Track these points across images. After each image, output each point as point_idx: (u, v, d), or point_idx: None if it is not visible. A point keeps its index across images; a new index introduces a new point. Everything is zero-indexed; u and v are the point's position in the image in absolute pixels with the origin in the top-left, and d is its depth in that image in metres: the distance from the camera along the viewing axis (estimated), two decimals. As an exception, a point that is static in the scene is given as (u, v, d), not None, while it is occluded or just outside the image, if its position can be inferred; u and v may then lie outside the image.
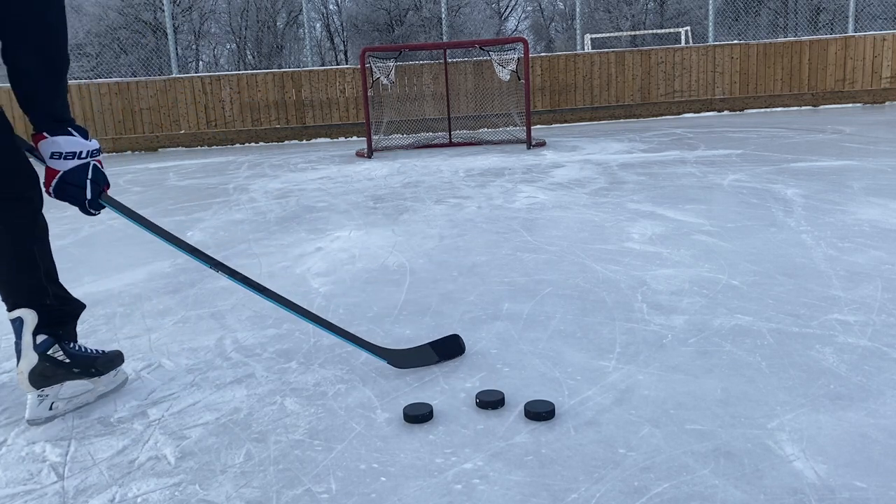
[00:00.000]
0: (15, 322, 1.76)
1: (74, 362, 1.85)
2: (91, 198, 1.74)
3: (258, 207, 4.78)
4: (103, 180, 1.77)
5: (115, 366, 1.95)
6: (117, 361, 1.95)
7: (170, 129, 9.88)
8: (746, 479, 1.37)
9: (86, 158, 1.71)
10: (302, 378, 1.96)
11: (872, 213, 3.51)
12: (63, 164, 1.70)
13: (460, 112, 9.70)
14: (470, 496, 1.37)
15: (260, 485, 1.45)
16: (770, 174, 4.86)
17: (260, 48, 25.52)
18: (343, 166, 6.88)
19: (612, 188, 4.70)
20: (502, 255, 3.15)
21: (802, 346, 1.99)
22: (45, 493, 1.47)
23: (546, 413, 1.63)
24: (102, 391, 1.92)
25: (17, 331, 1.76)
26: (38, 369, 1.77)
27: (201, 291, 2.85)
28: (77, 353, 1.87)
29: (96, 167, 1.74)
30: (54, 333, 1.83)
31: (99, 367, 1.89)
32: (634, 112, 10.45)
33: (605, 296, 2.50)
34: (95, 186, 1.74)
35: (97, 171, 1.74)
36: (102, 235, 4.12)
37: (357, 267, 3.10)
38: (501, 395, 1.73)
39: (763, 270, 2.70)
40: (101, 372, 1.90)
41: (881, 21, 13.18)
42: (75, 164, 1.70)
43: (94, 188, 1.73)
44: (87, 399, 1.88)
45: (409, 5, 25.81)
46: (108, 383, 1.94)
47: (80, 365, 1.86)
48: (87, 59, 19.13)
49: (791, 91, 10.53)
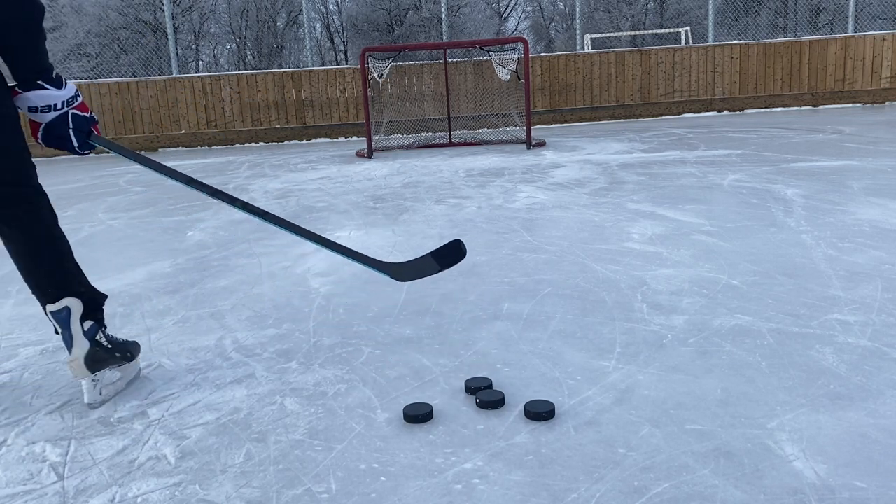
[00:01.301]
0: (61, 312, 1.79)
1: (115, 347, 1.91)
2: (78, 145, 1.80)
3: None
4: (86, 124, 1.80)
5: (139, 352, 2.02)
6: (139, 348, 2.04)
7: (170, 129, 9.88)
8: (746, 479, 1.37)
9: (62, 109, 1.75)
10: (302, 378, 1.96)
11: (872, 213, 3.51)
12: (42, 116, 1.75)
13: (460, 112, 9.70)
14: (470, 496, 1.37)
15: (260, 485, 1.45)
16: (770, 174, 4.86)
17: (260, 48, 25.52)
18: (343, 166, 6.88)
19: (612, 188, 4.70)
20: (502, 255, 3.15)
21: (802, 346, 1.99)
22: (45, 493, 1.46)
23: (546, 413, 1.63)
24: (130, 378, 1.97)
25: (64, 320, 1.80)
26: (91, 354, 1.82)
27: (201, 291, 2.85)
28: (115, 340, 1.94)
29: (76, 115, 1.78)
30: (97, 319, 1.89)
31: (132, 351, 1.97)
32: (634, 112, 10.44)
33: (605, 296, 2.50)
34: (79, 133, 1.78)
35: (77, 119, 1.78)
36: (102, 235, 4.12)
37: (357, 267, 3.08)
38: (502, 394, 1.73)
39: (763, 270, 2.70)
40: (133, 357, 1.97)
41: (881, 21, 13.18)
42: (53, 116, 1.75)
43: (79, 135, 1.78)
44: (120, 386, 1.93)
45: (409, 5, 25.80)
46: (132, 371, 1.99)
47: (120, 350, 1.93)
48: (87, 59, 19.14)
49: (791, 91, 10.53)
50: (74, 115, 1.77)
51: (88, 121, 1.81)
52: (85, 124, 1.80)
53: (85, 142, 1.80)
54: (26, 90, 1.72)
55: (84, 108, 1.82)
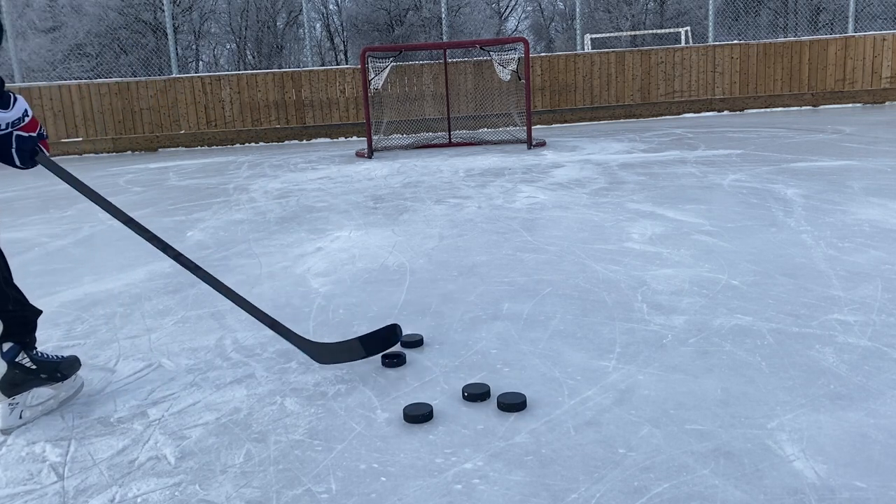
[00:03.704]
0: None
1: (41, 368, 1.84)
2: (20, 163, 1.84)
3: (258, 207, 4.78)
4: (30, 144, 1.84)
5: (74, 370, 1.93)
6: (76, 366, 1.94)
7: (170, 129, 9.88)
8: (746, 479, 1.37)
9: (6, 130, 1.78)
10: (302, 378, 1.96)
11: (872, 213, 3.51)
12: None
13: (460, 112, 9.70)
14: (470, 496, 1.37)
15: (260, 485, 1.44)
16: (770, 174, 4.86)
17: (260, 48, 25.52)
18: (343, 166, 6.88)
19: (612, 188, 4.70)
20: (502, 255, 3.15)
21: (802, 346, 1.99)
22: (45, 493, 1.46)
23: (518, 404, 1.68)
24: (64, 397, 1.89)
25: None
26: (9, 377, 1.77)
27: (201, 291, 2.85)
28: (42, 360, 1.86)
29: (20, 136, 1.81)
30: (20, 341, 1.83)
31: (63, 371, 1.88)
32: (634, 112, 10.44)
33: (605, 296, 2.50)
34: (22, 153, 1.82)
35: (21, 140, 1.81)
36: (102, 235, 4.12)
37: (357, 267, 3.10)
38: (487, 387, 1.77)
39: (763, 270, 2.70)
40: (66, 376, 1.89)
41: (881, 21, 13.18)
42: None
43: (21, 154, 1.82)
44: (51, 406, 1.85)
45: (409, 5, 25.80)
46: (69, 388, 1.91)
47: (47, 371, 1.85)
48: (87, 59, 19.13)
49: (791, 91, 10.53)
50: (19, 136, 1.81)
51: (33, 140, 1.85)
52: (28, 144, 1.83)
53: (27, 161, 1.86)
54: None
55: (33, 126, 1.85)
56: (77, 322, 2.55)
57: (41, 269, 3.39)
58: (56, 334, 2.42)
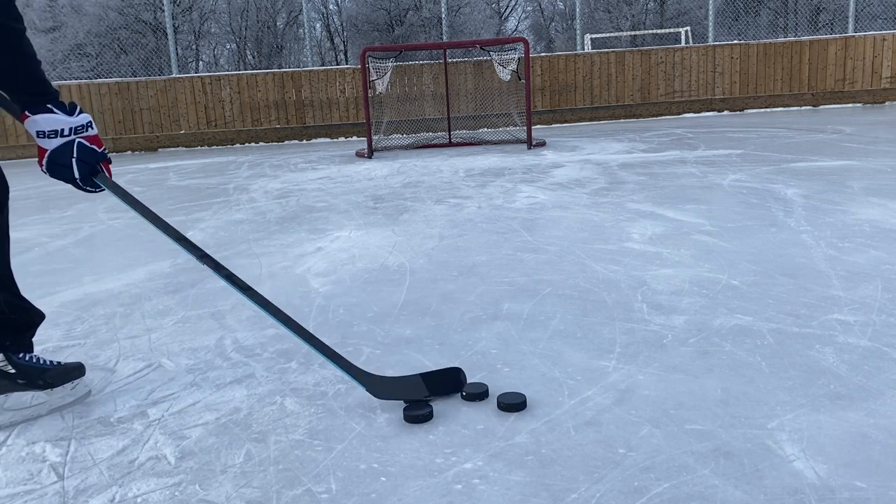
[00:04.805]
0: None
1: (20, 373, 1.77)
2: (80, 177, 1.67)
3: (258, 207, 4.78)
4: (93, 157, 1.68)
5: (70, 378, 1.85)
6: (74, 374, 1.86)
7: (170, 129, 9.88)
8: (746, 479, 1.37)
9: (69, 136, 1.64)
10: (302, 378, 1.96)
11: (872, 213, 3.51)
12: (48, 142, 1.64)
13: (460, 112, 9.70)
14: (470, 496, 1.37)
15: (260, 485, 1.44)
16: (770, 174, 4.86)
17: (260, 48, 25.53)
18: (343, 166, 6.88)
19: (612, 188, 4.70)
20: (502, 255, 3.15)
21: (802, 346, 1.99)
22: (45, 493, 1.46)
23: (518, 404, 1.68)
24: (58, 404, 1.83)
25: None
26: None
27: (201, 291, 2.85)
28: (25, 364, 1.79)
29: (82, 144, 1.66)
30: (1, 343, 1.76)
31: (49, 379, 1.80)
32: (634, 112, 10.45)
33: (605, 296, 2.50)
34: (83, 165, 1.66)
35: (83, 149, 1.66)
36: (102, 235, 4.12)
37: (357, 267, 3.10)
38: (485, 387, 1.77)
39: (763, 270, 2.70)
40: (52, 384, 1.81)
41: (881, 21, 13.19)
42: (60, 143, 1.64)
43: (82, 167, 1.66)
44: (37, 412, 1.80)
45: (409, 5, 25.80)
46: (65, 396, 1.84)
47: (27, 376, 1.78)
48: (87, 59, 19.13)
49: (791, 91, 10.53)
50: (81, 144, 1.65)
51: (97, 155, 1.69)
52: (91, 157, 1.67)
53: (88, 176, 1.68)
54: (34, 113, 1.62)
55: (97, 141, 1.70)
56: (77, 322, 2.55)
57: (41, 269, 3.39)
58: (56, 334, 2.42)
